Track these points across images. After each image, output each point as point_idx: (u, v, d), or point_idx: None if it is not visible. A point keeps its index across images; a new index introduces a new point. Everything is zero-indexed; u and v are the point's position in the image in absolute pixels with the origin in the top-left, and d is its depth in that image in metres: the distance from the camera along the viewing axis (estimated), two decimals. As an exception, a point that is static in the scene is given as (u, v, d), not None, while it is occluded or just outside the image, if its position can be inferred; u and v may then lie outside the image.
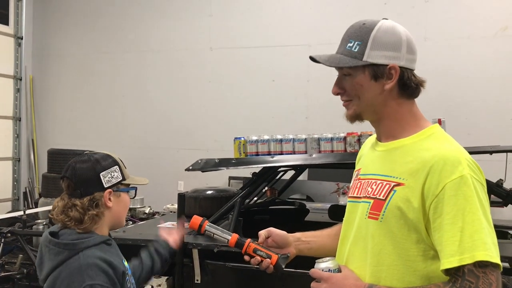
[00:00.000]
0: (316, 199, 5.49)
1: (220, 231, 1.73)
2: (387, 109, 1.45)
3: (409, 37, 1.44)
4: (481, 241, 1.24)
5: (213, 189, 3.84)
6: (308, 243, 1.75)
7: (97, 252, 1.67)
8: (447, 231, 1.27)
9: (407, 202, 1.34)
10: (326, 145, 3.04)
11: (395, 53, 1.40)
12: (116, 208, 1.78)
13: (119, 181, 1.78)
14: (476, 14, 5.56)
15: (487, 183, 2.75)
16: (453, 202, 1.27)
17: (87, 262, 1.62)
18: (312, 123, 6.06)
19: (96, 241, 1.69)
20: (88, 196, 1.71)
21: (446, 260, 1.26)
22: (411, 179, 1.35)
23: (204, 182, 5.14)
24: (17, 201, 7.40)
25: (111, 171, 1.75)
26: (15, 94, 7.49)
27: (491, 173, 3.08)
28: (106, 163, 1.77)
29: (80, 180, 1.73)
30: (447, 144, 1.38)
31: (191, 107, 6.73)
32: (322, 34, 5.89)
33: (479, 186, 1.31)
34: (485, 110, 5.50)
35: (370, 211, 1.42)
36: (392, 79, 1.41)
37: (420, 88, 1.46)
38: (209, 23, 6.66)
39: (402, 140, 1.44)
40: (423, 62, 6.40)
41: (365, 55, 1.40)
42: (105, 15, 7.22)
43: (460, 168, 1.29)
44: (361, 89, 1.43)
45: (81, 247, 1.66)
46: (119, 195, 1.78)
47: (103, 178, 1.73)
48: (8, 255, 4.14)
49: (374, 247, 1.41)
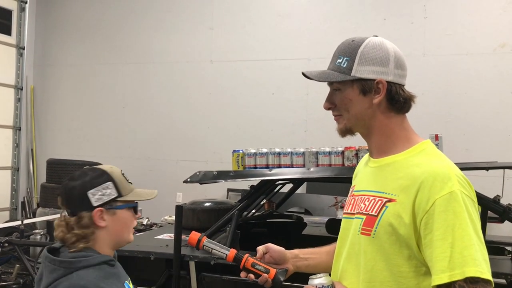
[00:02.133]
0: (314, 212, 5.49)
1: (218, 247, 1.73)
2: (376, 123, 1.46)
3: (397, 53, 1.45)
4: (471, 257, 1.23)
5: (211, 201, 3.85)
6: (306, 260, 1.74)
7: (93, 274, 1.58)
8: (437, 247, 1.26)
9: (398, 218, 1.34)
10: (324, 158, 3.05)
11: (382, 68, 1.43)
12: (113, 226, 1.68)
13: (113, 198, 1.68)
14: (475, 31, 5.60)
15: (484, 199, 2.79)
16: (443, 218, 1.27)
17: (78, 283, 1.53)
18: (311, 136, 6.08)
19: (95, 261, 1.61)
20: (75, 216, 1.64)
21: (436, 276, 1.26)
22: (402, 195, 1.35)
23: (202, 194, 5.15)
24: (15, 211, 7.38)
25: (101, 188, 1.66)
26: (16, 103, 7.52)
27: (488, 189, 3.10)
28: (98, 180, 1.68)
29: (69, 199, 1.67)
30: (437, 160, 1.38)
31: (191, 119, 6.75)
32: (322, 48, 5.93)
33: (469, 202, 1.30)
34: (483, 126, 5.52)
35: (363, 227, 1.42)
36: (380, 93, 1.43)
37: (410, 103, 1.47)
38: (210, 36, 6.71)
39: (393, 157, 1.45)
40: (421, 78, 6.46)
41: (353, 70, 1.43)
42: (106, 27, 7.27)
43: (450, 184, 1.29)
44: (350, 103, 1.46)
45: (77, 266, 1.58)
46: (113, 212, 1.68)
47: (92, 196, 1.65)
48: (5, 265, 4.13)
49: (366, 263, 1.41)
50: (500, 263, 2.71)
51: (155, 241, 3.25)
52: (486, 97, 5.53)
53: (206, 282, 2.86)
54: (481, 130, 5.52)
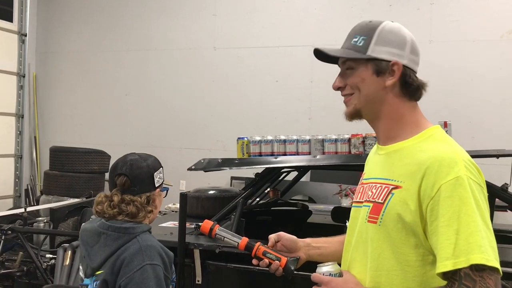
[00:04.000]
0: (318, 200, 5.47)
1: (230, 235, 1.77)
2: (386, 107, 1.43)
3: (413, 39, 1.45)
4: (477, 243, 1.20)
5: (215, 189, 3.83)
6: (318, 249, 1.73)
7: (151, 237, 1.85)
8: (442, 234, 1.23)
9: (404, 205, 1.31)
10: (330, 146, 3.01)
11: (399, 50, 1.41)
12: (158, 206, 1.96)
13: (163, 182, 1.96)
14: (482, 17, 5.54)
15: (492, 187, 2.75)
16: (449, 204, 1.24)
17: (146, 244, 1.78)
18: (315, 124, 6.04)
19: (145, 229, 1.86)
20: (145, 194, 1.87)
21: (441, 263, 1.23)
22: (408, 181, 1.32)
23: (205, 182, 5.13)
24: (18, 198, 7.39)
25: (159, 172, 1.93)
26: (18, 91, 7.49)
27: (496, 177, 3.07)
28: (157, 164, 1.95)
29: (137, 179, 1.87)
30: (444, 145, 1.35)
31: (195, 106, 6.71)
32: (327, 35, 5.87)
33: (477, 188, 1.27)
34: (490, 113, 5.48)
35: (370, 214, 1.40)
36: (394, 75, 1.40)
37: (421, 90, 1.44)
38: (213, 23, 6.65)
39: (401, 143, 1.42)
40: (427, 65, 6.38)
41: (369, 49, 1.40)
42: (109, 13, 7.21)
43: (456, 169, 1.26)
44: (362, 83, 1.42)
45: (137, 232, 1.82)
46: (160, 194, 1.97)
47: (155, 178, 1.90)
48: (8, 253, 4.13)
49: (373, 251, 1.39)
50: (508, 252, 2.69)
51: (159, 229, 3.22)
52: (493, 84, 5.47)
53: (211, 270, 2.85)
54: (487, 118, 5.48)
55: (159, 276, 1.73)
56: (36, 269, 3.86)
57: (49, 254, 3.92)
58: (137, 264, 1.71)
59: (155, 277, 1.71)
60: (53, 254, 3.86)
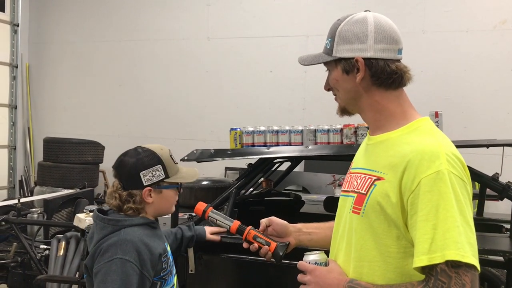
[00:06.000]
0: (312, 190, 5.50)
1: (222, 218, 1.81)
2: (366, 100, 1.44)
3: (380, 27, 1.39)
4: (453, 239, 1.20)
5: (209, 180, 3.84)
6: (309, 234, 1.76)
7: (138, 231, 1.79)
8: (420, 228, 1.23)
9: (386, 197, 1.31)
10: (322, 136, 3.01)
11: (360, 45, 1.39)
12: (158, 202, 1.88)
13: (161, 179, 1.87)
14: (475, 7, 5.54)
15: (483, 177, 2.77)
16: (428, 198, 1.23)
17: (125, 238, 1.74)
18: (309, 114, 6.05)
19: (140, 222, 1.83)
20: (127, 191, 1.84)
21: (417, 258, 1.23)
22: (391, 174, 1.32)
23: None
24: (13, 189, 7.39)
25: (152, 170, 1.85)
26: (11, 81, 7.45)
27: (487, 167, 3.09)
28: (150, 162, 1.86)
29: (124, 175, 1.86)
30: (430, 138, 1.34)
31: (188, 97, 6.70)
32: (320, 25, 5.82)
33: (458, 182, 1.26)
34: (482, 104, 5.50)
35: (354, 205, 1.41)
36: (360, 71, 1.40)
37: (402, 76, 1.41)
38: (207, 13, 6.62)
39: (388, 134, 1.42)
40: (420, 55, 6.40)
41: (334, 50, 1.43)
42: (102, 3, 7.17)
43: (437, 163, 1.25)
44: (337, 84, 1.46)
45: (124, 224, 1.79)
46: (160, 191, 1.88)
47: (143, 177, 1.83)
48: (3, 244, 4.13)
49: (356, 242, 1.40)
50: (497, 240, 2.71)
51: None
52: (486, 75, 5.49)
53: (204, 261, 2.86)
54: (479, 108, 5.50)
55: (127, 272, 1.69)
56: (30, 260, 3.87)
57: (43, 245, 3.93)
58: (109, 256, 1.71)
59: (122, 272, 1.69)
60: (47, 245, 3.87)
